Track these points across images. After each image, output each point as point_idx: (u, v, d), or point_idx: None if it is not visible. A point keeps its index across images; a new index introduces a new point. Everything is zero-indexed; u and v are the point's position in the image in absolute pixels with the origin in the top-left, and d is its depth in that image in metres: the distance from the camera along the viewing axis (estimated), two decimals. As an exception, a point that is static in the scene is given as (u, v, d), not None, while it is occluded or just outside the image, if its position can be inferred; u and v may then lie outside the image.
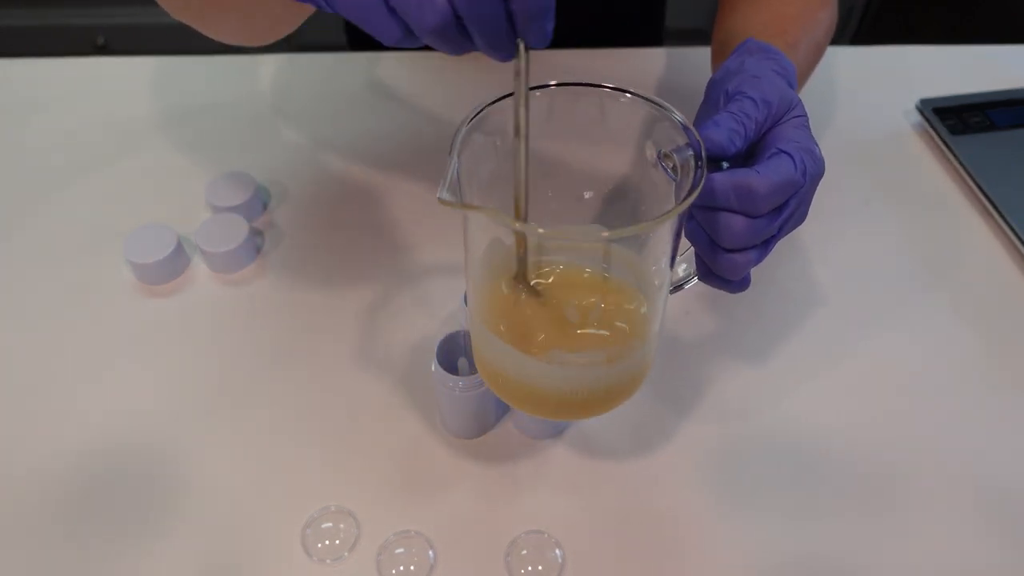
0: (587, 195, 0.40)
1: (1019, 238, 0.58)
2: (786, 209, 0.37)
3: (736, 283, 0.40)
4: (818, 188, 0.40)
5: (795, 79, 0.42)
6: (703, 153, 0.34)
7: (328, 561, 0.43)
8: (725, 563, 0.44)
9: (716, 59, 0.56)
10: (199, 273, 0.57)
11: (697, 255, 0.40)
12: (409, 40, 0.33)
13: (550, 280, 0.39)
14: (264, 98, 0.71)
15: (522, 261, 0.36)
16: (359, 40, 0.87)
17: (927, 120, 0.67)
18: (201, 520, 0.45)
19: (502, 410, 0.49)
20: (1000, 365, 0.52)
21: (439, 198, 0.32)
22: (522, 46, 0.32)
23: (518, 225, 0.33)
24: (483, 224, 0.36)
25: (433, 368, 0.45)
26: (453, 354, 0.47)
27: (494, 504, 0.46)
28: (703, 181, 0.33)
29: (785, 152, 0.37)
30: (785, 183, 0.36)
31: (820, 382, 0.51)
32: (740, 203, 0.36)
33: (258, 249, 0.59)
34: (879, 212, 0.62)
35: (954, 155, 0.65)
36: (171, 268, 0.56)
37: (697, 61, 0.73)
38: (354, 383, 0.51)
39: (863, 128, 0.68)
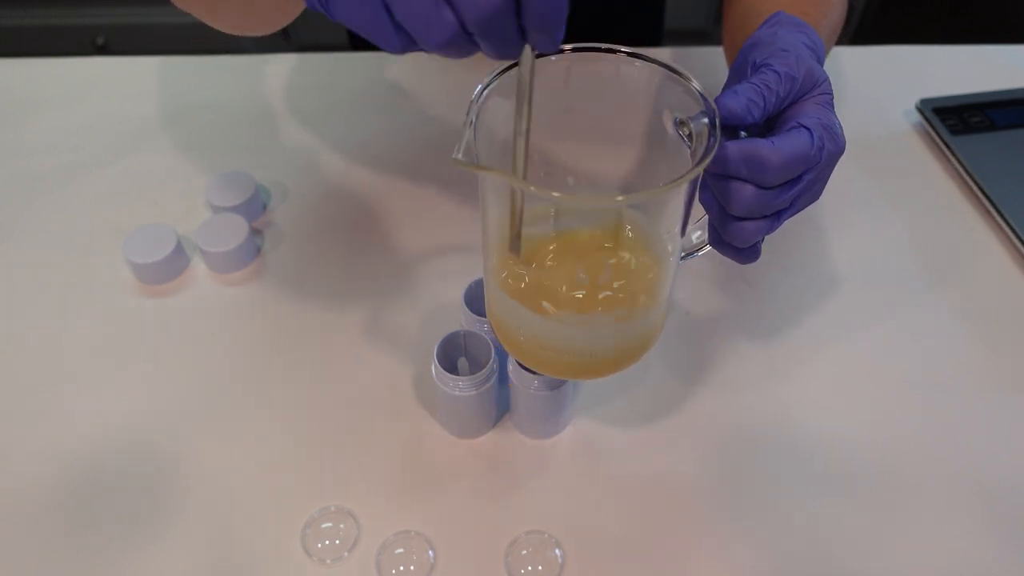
0: (601, 161, 0.40)
1: (1019, 238, 0.58)
2: (799, 183, 0.38)
3: (745, 252, 0.40)
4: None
5: (823, 56, 0.42)
6: (717, 121, 0.34)
7: (328, 561, 0.43)
8: (725, 563, 0.43)
9: (735, 33, 0.56)
10: (199, 273, 0.57)
11: (710, 222, 0.41)
12: (414, 49, 0.33)
13: (563, 243, 0.40)
14: (264, 98, 0.71)
15: (516, 235, 0.36)
16: (361, 41, 0.87)
17: (927, 120, 0.67)
18: (201, 520, 0.45)
19: (502, 410, 0.49)
20: (1000, 365, 0.52)
21: (453, 159, 0.32)
22: (529, 50, 0.32)
23: (533, 188, 0.33)
24: (499, 187, 0.36)
25: (433, 368, 0.45)
26: (453, 354, 0.47)
27: (494, 504, 0.46)
28: (715, 148, 0.33)
29: (804, 127, 0.37)
30: (798, 156, 0.36)
31: (819, 382, 0.51)
32: (750, 172, 0.36)
33: (258, 249, 0.59)
34: (879, 212, 0.62)
35: (954, 155, 0.64)
36: (171, 268, 0.56)
37: (696, 61, 0.73)
38: (354, 383, 0.51)
39: (863, 128, 0.68)
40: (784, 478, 0.47)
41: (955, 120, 0.67)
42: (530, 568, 0.43)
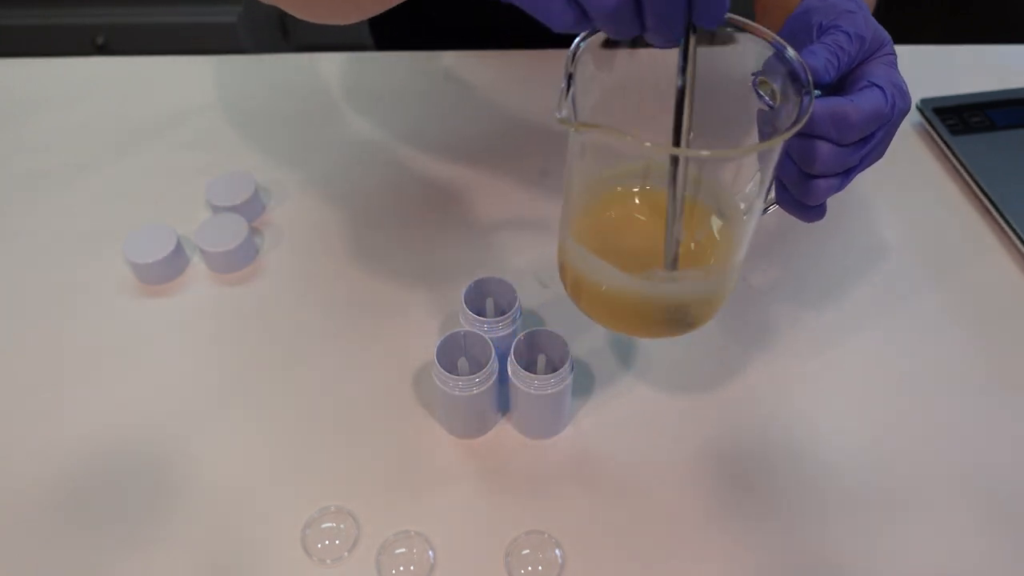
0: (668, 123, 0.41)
1: (1019, 238, 0.58)
2: (872, 140, 0.39)
3: (814, 210, 0.42)
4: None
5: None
6: (810, 80, 0.35)
7: (328, 561, 0.43)
8: (726, 563, 0.43)
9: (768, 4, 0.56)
10: (199, 273, 0.57)
11: (778, 181, 0.42)
12: (580, 26, 0.33)
13: (644, 202, 0.41)
14: (264, 98, 0.71)
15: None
16: (387, 40, 0.86)
17: (927, 120, 0.67)
18: (201, 520, 0.45)
19: (502, 410, 0.49)
20: (1000, 365, 0.52)
21: (556, 117, 0.33)
22: (690, 31, 0.33)
23: (630, 139, 0.33)
24: (588, 144, 0.38)
25: (433, 368, 0.45)
26: (453, 354, 0.47)
27: (494, 504, 0.46)
28: (811, 107, 0.34)
29: (877, 85, 0.39)
30: (876, 114, 0.38)
31: (819, 382, 0.51)
32: (836, 131, 0.37)
33: (258, 249, 0.59)
34: (879, 212, 0.62)
35: (954, 155, 0.64)
36: (171, 268, 0.56)
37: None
38: (354, 383, 0.51)
39: (863, 128, 0.68)
40: (785, 479, 0.47)
41: (955, 120, 0.67)
42: (530, 568, 0.43)
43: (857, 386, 0.51)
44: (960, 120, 0.67)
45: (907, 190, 0.64)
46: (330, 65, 0.74)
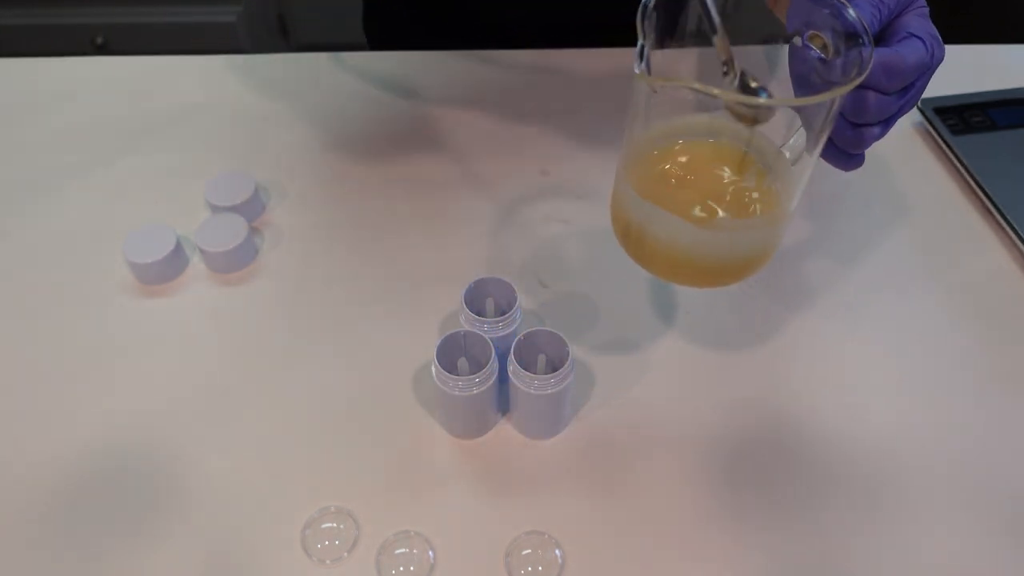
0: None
1: (1020, 238, 0.58)
2: (912, 89, 0.41)
3: (855, 158, 0.43)
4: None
5: None
6: (869, 33, 0.36)
7: (328, 562, 0.43)
8: (726, 563, 0.43)
9: None
10: (199, 273, 0.57)
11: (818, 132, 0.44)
12: None
13: (701, 153, 0.43)
14: (264, 98, 0.71)
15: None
16: (379, 40, 0.86)
17: (928, 120, 0.67)
18: (201, 520, 0.45)
19: (502, 410, 0.49)
20: (1001, 365, 0.52)
21: (636, 72, 0.35)
22: None
23: (716, 90, 0.35)
24: (655, 99, 0.41)
25: (433, 368, 0.45)
26: (453, 354, 0.47)
27: (494, 504, 0.46)
28: (872, 58, 0.36)
29: (917, 36, 0.40)
30: (920, 64, 0.40)
31: (820, 382, 0.51)
32: (886, 79, 0.39)
33: (258, 249, 0.59)
34: (880, 212, 0.62)
35: (955, 155, 0.64)
36: (170, 268, 0.56)
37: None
38: (354, 383, 0.51)
39: (863, 128, 0.68)
40: (785, 479, 0.47)
41: (956, 120, 0.67)
42: (530, 568, 0.43)
43: (856, 385, 0.51)
44: (960, 120, 0.67)
45: (907, 190, 0.64)
46: (330, 65, 0.74)
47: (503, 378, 0.46)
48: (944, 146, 0.66)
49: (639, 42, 0.36)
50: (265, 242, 0.59)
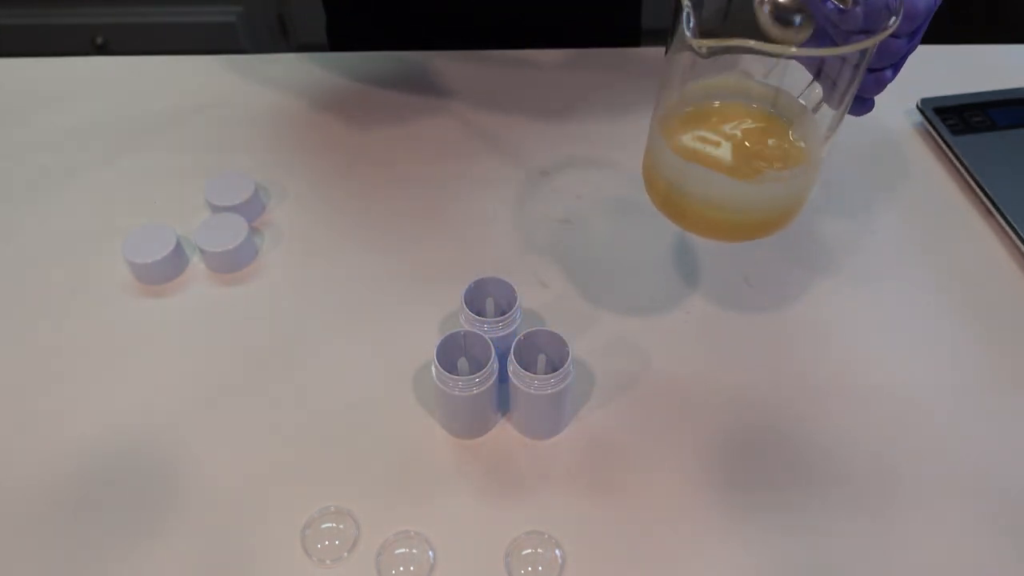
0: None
1: (1020, 238, 0.58)
2: (919, 32, 0.42)
3: (868, 103, 0.46)
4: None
5: None
6: None
7: (328, 562, 0.43)
8: (726, 564, 0.43)
9: None
10: (198, 273, 0.57)
11: (831, 81, 0.44)
12: None
13: (731, 113, 0.46)
14: (264, 98, 0.71)
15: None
16: (341, 42, 0.86)
17: (928, 120, 0.67)
18: (201, 520, 0.45)
19: (502, 410, 0.49)
20: (1001, 365, 0.52)
21: (690, 40, 0.37)
22: None
23: (773, 47, 0.37)
24: (698, 63, 0.43)
25: (433, 368, 0.45)
26: (453, 354, 0.47)
27: (494, 504, 0.46)
28: (902, 7, 0.38)
29: None
30: (928, 8, 0.41)
31: (820, 382, 0.51)
32: (906, 24, 0.40)
33: (258, 249, 0.59)
34: (880, 212, 0.62)
35: (955, 155, 0.64)
36: (170, 268, 0.56)
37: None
38: (354, 383, 0.51)
39: (864, 128, 0.68)
40: (786, 479, 0.47)
41: (956, 120, 0.67)
42: (530, 568, 0.43)
43: (856, 385, 0.51)
44: (960, 120, 0.67)
45: (907, 190, 0.64)
46: (330, 65, 0.74)
47: (503, 378, 0.46)
48: (944, 146, 0.66)
49: (684, 9, 0.37)
50: (265, 242, 0.59)
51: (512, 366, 0.45)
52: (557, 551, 0.44)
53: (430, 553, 0.43)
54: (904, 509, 0.46)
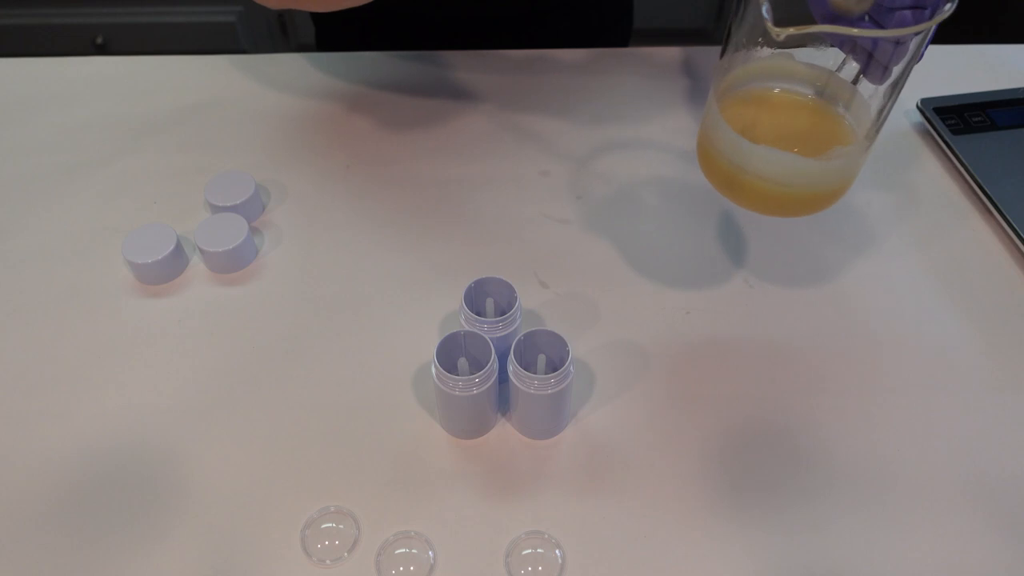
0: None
1: (1020, 238, 0.58)
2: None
3: (888, 72, 0.46)
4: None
5: None
6: None
7: (328, 562, 0.43)
8: (726, 564, 0.43)
9: None
10: (198, 273, 0.57)
11: (864, 52, 0.46)
12: None
13: (782, 96, 0.49)
14: (264, 98, 0.71)
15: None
16: (328, 42, 0.86)
17: (928, 120, 0.67)
18: (201, 520, 0.45)
19: (502, 410, 0.49)
20: (1001, 365, 0.52)
21: (770, 28, 0.38)
22: None
23: (854, 30, 0.40)
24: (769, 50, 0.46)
25: (433, 368, 0.45)
26: (453, 354, 0.47)
27: (494, 504, 0.46)
28: None
29: None
30: None
31: (819, 383, 0.51)
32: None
33: (258, 249, 0.59)
34: (880, 212, 0.62)
35: (955, 154, 0.64)
36: (170, 268, 0.56)
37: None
38: (354, 383, 0.51)
39: (863, 128, 0.68)
40: (786, 480, 0.47)
41: (956, 120, 0.67)
42: (530, 568, 0.43)
43: (856, 385, 0.51)
44: (960, 120, 0.67)
45: (907, 190, 0.64)
46: (330, 65, 0.74)
47: (503, 378, 0.46)
48: (944, 146, 0.66)
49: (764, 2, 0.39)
50: (265, 242, 0.59)
51: (512, 366, 0.45)
52: (557, 551, 0.44)
53: (430, 553, 0.43)
54: (904, 509, 0.46)
